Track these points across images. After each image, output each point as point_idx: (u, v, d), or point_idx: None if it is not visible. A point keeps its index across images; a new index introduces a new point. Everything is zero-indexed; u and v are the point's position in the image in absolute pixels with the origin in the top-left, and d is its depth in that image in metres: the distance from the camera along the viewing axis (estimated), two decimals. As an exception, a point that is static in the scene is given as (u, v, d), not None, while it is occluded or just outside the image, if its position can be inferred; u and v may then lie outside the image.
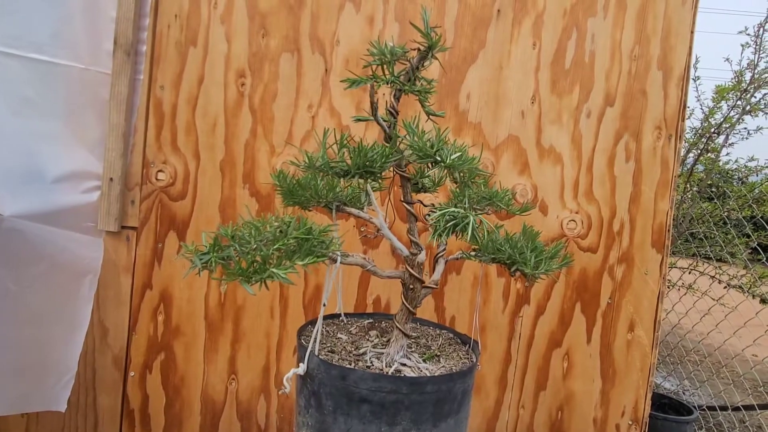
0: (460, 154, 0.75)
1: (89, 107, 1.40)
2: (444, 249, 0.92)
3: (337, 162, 0.80)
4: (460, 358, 0.94)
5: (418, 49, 0.77)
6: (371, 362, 0.84)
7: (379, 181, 0.87)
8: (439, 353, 0.93)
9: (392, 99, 0.82)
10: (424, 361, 0.88)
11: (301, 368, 0.78)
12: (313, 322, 0.99)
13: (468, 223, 0.70)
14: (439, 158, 0.75)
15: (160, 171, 1.45)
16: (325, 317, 1.00)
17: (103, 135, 1.41)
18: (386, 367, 0.82)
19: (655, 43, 1.46)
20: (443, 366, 0.89)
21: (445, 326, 1.07)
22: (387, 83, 0.79)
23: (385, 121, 0.82)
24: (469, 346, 0.98)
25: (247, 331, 1.48)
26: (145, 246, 1.45)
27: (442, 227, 0.71)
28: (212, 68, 1.44)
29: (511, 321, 1.52)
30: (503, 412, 1.54)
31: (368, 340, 0.94)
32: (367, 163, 0.77)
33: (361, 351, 0.86)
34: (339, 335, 0.93)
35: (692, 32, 1.45)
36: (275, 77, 1.45)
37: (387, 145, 0.82)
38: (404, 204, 0.86)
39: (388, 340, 0.89)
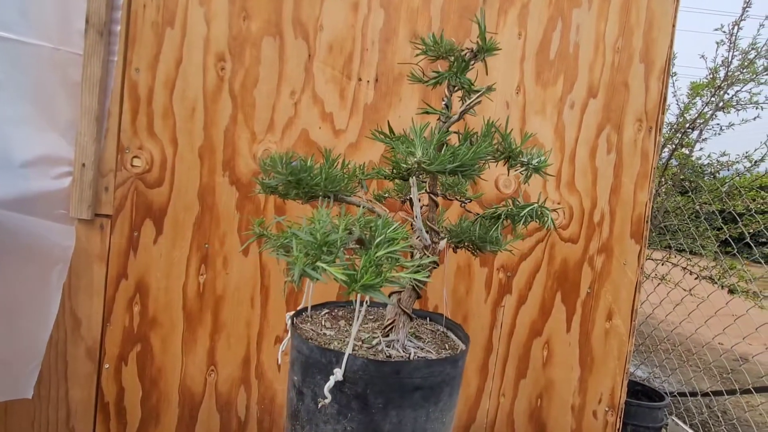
0: (543, 158, 0.83)
1: (60, 89, 1.33)
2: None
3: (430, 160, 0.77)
4: (432, 331, 0.99)
5: (471, 49, 0.80)
6: (388, 352, 0.84)
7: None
8: (411, 330, 0.96)
9: (447, 94, 0.84)
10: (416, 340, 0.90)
11: (339, 374, 0.73)
12: (295, 314, 0.97)
13: (545, 214, 0.86)
14: (525, 159, 0.82)
15: (135, 157, 1.40)
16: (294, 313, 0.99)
17: (74, 118, 1.35)
18: (403, 351, 0.84)
19: (638, 35, 1.48)
20: (428, 341, 0.92)
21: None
22: (457, 80, 0.81)
23: (443, 114, 0.85)
24: (429, 319, 1.04)
25: (227, 321, 1.45)
26: (120, 234, 1.40)
27: (523, 218, 0.86)
28: (190, 51, 1.39)
29: (493, 310, 1.53)
30: (484, 400, 1.56)
31: (346, 330, 0.93)
32: (465, 163, 0.77)
33: (374, 342, 0.86)
34: (324, 331, 0.92)
35: (674, 26, 1.47)
36: (257, 62, 1.41)
37: (436, 143, 0.82)
38: (430, 195, 0.88)
39: (388, 327, 0.89)
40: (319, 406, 0.74)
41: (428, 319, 1.05)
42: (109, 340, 1.42)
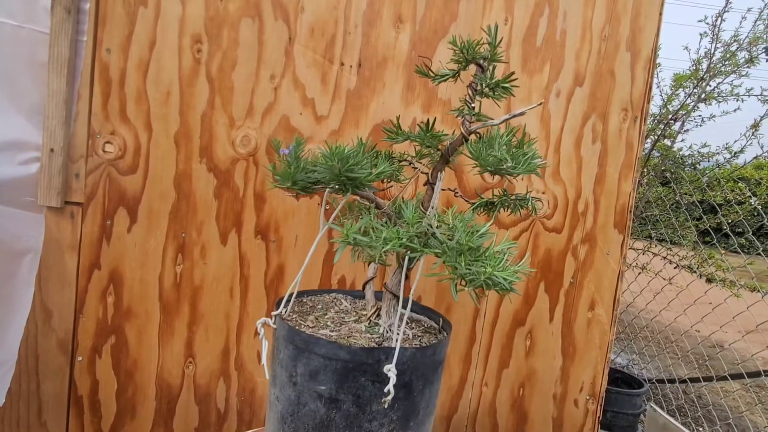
0: (543, 161, 0.88)
1: (25, 70, 1.26)
2: None
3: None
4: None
5: (485, 57, 0.84)
6: (393, 336, 0.86)
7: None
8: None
9: (470, 94, 0.87)
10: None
11: (393, 370, 0.74)
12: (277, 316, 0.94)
13: (533, 202, 0.97)
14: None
15: (107, 142, 1.34)
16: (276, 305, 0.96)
17: (41, 101, 1.28)
18: (402, 334, 0.88)
19: (625, 22, 1.46)
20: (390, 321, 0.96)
21: (332, 289, 1.07)
22: (491, 88, 0.86)
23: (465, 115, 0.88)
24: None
25: (205, 312, 1.42)
26: (92, 223, 1.34)
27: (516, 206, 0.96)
28: (165, 32, 1.33)
29: (477, 300, 1.52)
30: (467, 390, 1.56)
31: (330, 327, 0.90)
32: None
33: (381, 330, 0.88)
34: (323, 331, 0.88)
35: (660, 14, 1.46)
36: (235, 44, 1.35)
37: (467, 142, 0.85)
38: (431, 184, 0.91)
39: (373, 313, 0.89)
40: (386, 406, 0.74)
41: (361, 298, 1.06)
42: (82, 332, 1.37)
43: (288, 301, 0.89)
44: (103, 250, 1.35)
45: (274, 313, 0.83)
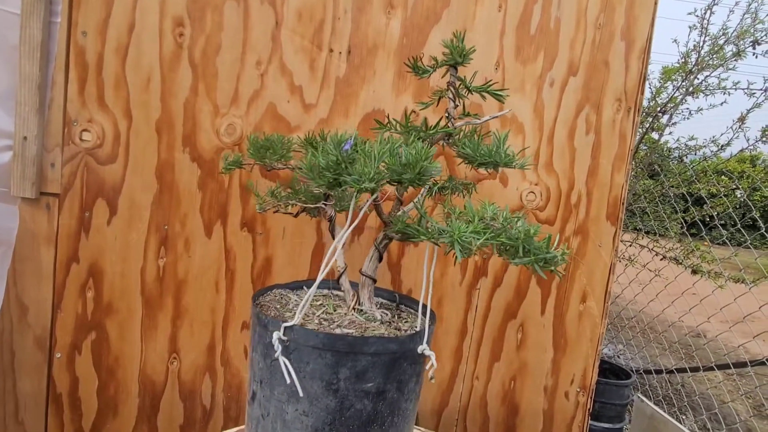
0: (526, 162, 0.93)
1: (-5, 52, 1.20)
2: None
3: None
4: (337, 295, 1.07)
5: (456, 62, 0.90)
6: (385, 318, 0.91)
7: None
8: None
9: (452, 92, 0.92)
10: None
11: (427, 347, 0.80)
12: (264, 292, 0.91)
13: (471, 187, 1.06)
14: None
15: (85, 130, 1.28)
16: (260, 301, 0.93)
17: (12, 86, 1.21)
18: (387, 315, 0.92)
19: (620, 12, 1.43)
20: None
21: (271, 286, 1.05)
22: (468, 90, 0.92)
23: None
24: (301, 288, 1.09)
25: (190, 307, 1.37)
26: (70, 215, 1.29)
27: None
28: (144, 14, 1.26)
29: (468, 293, 1.50)
30: (458, 384, 1.54)
31: (326, 320, 0.88)
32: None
33: (378, 316, 0.91)
34: (340, 331, 0.85)
35: (656, 3, 1.43)
36: (219, 28, 1.30)
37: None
38: None
39: (355, 303, 0.89)
40: (433, 381, 0.83)
41: (299, 288, 1.06)
42: (60, 328, 1.32)
43: (302, 308, 0.84)
44: (81, 243, 1.30)
45: (285, 324, 0.76)
